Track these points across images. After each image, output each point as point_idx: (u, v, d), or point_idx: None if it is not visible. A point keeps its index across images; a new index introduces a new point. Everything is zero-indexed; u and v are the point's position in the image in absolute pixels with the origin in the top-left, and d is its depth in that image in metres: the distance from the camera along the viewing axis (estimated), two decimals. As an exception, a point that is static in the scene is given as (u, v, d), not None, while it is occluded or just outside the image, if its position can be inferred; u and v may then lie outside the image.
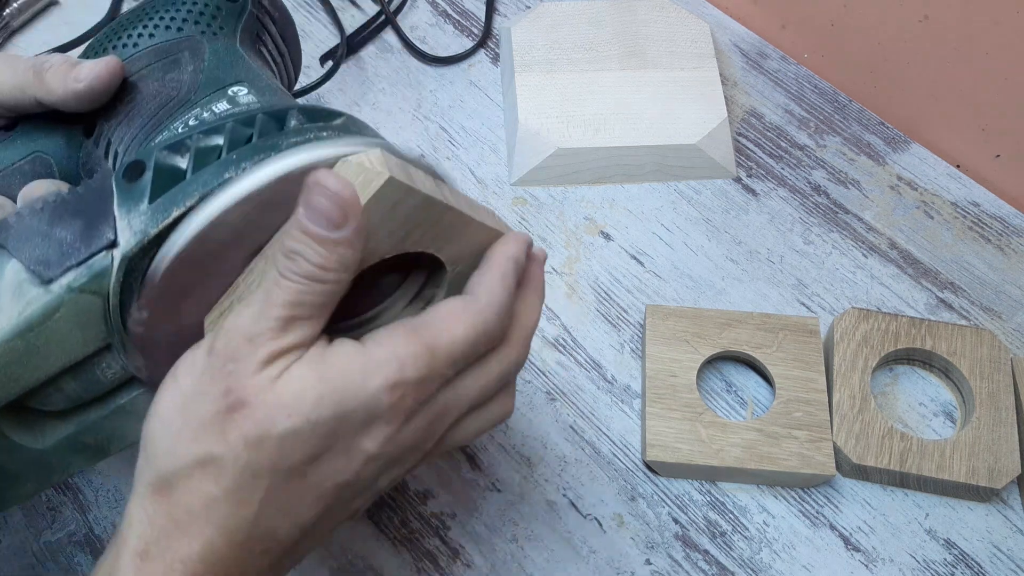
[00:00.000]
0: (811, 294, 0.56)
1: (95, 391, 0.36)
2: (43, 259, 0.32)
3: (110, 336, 0.33)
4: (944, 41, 0.59)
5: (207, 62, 0.41)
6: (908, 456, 0.48)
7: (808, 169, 0.62)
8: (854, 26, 0.64)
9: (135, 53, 0.41)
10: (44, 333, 0.32)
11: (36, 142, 0.42)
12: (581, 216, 0.59)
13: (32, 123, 0.42)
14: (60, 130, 0.42)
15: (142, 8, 0.43)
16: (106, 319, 0.33)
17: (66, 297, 0.32)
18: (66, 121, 0.41)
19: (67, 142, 0.42)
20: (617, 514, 0.49)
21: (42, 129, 0.42)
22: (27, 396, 0.34)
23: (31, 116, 0.42)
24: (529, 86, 0.62)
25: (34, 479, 0.37)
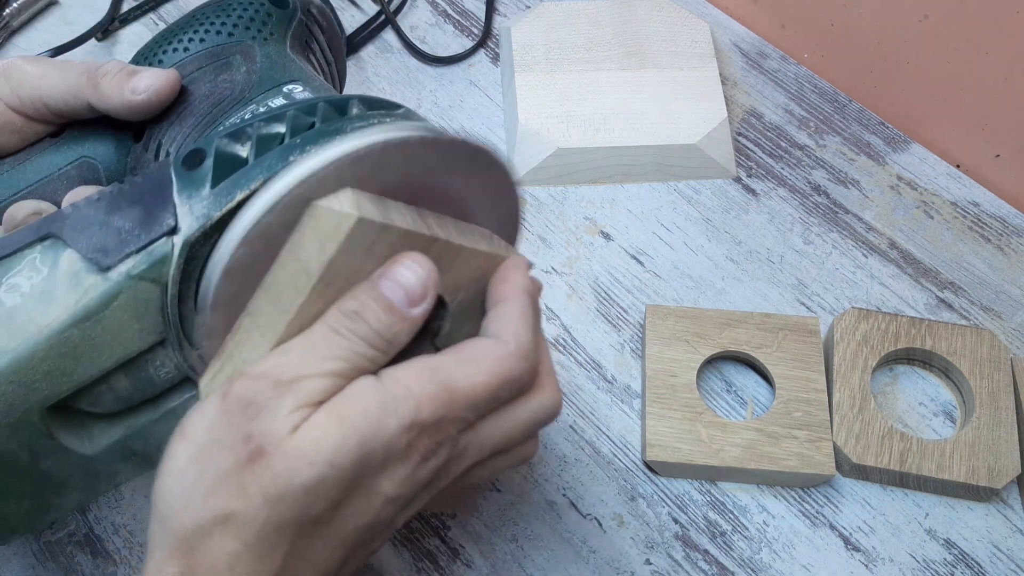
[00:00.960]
0: (811, 294, 0.56)
1: (147, 392, 0.35)
2: (101, 247, 0.31)
3: (166, 330, 0.33)
4: (944, 41, 0.59)
5: (260, 64, 0.41)
6: (908, 456, 0.48)
7: (808, 169, 0.62)
8: (854, 26, 0.64)
9: (186, 58, 0.41)
10: (101, 323, 0.31)
11: (84, 147, 0.41)
12: (581, 216, 0.59)
13: (80, 128, 0.41)
14: (109, 135, 0.41)
15: (192, 15, 0.43)
16: (163, 311, 0.32)
17: (125, 284, 0.31)
18: (115, 126, 0.41)
19: (116, 147, 0.41)
20: (617, 514, 0.49)
21: (91, 134, 0.41)
22: (78, 395, 0.33)
23: (80, 120, 0.41)
24: (529, 86, 0.62)
25: (80, 487, 0.36)
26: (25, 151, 0.41)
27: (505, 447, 0.33)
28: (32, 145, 0.42)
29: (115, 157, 0.41)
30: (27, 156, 0.41)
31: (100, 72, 0.39)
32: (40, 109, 0.40)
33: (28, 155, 0.41)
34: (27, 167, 0.41)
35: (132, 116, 0.40)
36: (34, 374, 0.31)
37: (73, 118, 0.41)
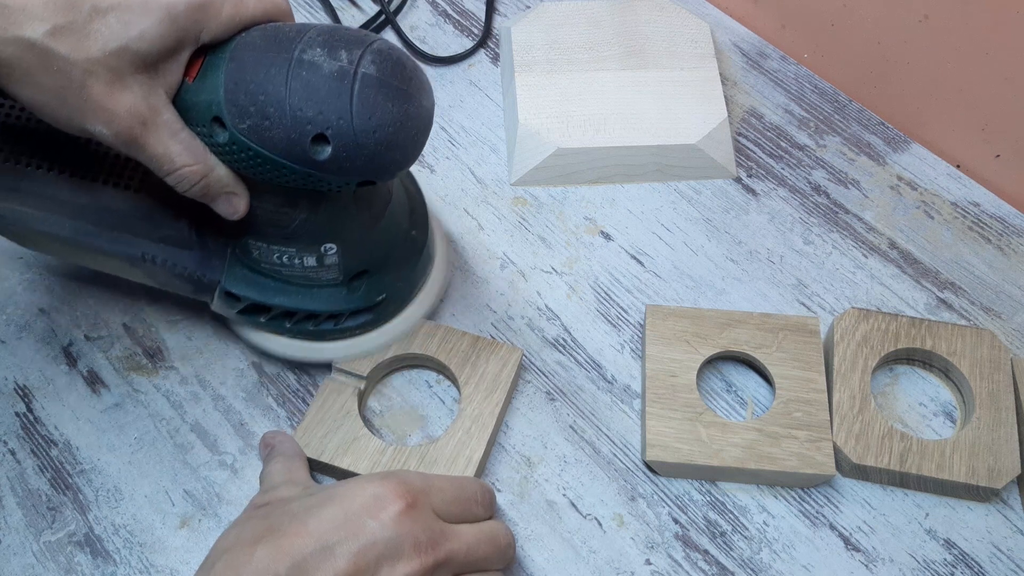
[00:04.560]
0: (811, 294, 0.56)
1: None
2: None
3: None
4: (944, 41, 0.59)
5: (318, 216, 0.44)
6: (908, 456, 0.48)
7: (808, 169, 0.62)
8: (854, 26, 0.64)
9: (266, 178, 0.41)
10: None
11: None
12: (581, 216, 0.59)
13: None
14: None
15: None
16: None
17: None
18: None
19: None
20: (617, 514, 0.49)
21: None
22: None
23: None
24: (529, 86, 0.62)
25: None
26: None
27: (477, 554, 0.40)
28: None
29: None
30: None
31: (183, 165, 0.40)
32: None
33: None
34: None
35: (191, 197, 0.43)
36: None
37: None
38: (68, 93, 0.37)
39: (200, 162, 0.40)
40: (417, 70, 0.41)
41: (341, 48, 0.38)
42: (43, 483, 0.49)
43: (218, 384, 0.52)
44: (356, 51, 0.38)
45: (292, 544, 0.36)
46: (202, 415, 0.51)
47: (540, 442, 0.51)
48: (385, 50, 0.39)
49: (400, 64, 0.40)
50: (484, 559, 0.40)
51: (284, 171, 0.40)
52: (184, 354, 0.53)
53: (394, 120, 0.39)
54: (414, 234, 0.51)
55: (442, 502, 0.40)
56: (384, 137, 0.39)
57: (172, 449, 0.50)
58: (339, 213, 0.45)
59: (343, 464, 0.47)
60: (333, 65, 0.38)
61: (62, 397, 0.51)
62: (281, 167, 0.39)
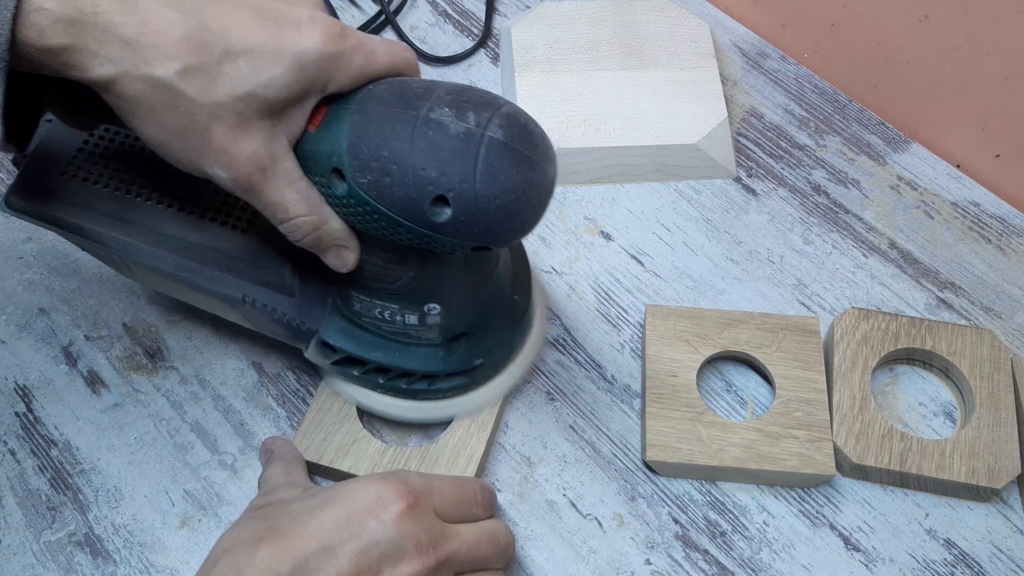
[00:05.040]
0: (811, 294, 0.56)
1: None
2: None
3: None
4: (944, 41, 0.59)
5: (425, 275, 0.43)
6: (908, 456, 0.48)
7: (808, 169, 0.62)
8: (854, 26, 0.64)
9: (378, 235, 0.40)
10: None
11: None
12: (581, 216, 0.59)
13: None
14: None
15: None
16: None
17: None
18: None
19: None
20: (617, 514, 0.49)
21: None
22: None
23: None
24: (529, 86, 0.62)
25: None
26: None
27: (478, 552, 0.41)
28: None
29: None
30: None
31: (300, 217, 0.40)
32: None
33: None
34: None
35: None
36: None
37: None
38: (191, 134, 0.36)
39: (315, 213, 0.39)
40: (544, 138, 0.39)
41: (469, 110, 0.37)
42: (43, 483, 0.49)
43: (218, 384, 0.52)
44: (485, 114, 0.37)
45: (294, 544, 0.36)
46: (202, 415, 0.51)
47: (540, 442, 0.51)
48: (514, 114, 0.38)
49: (528, 131, 0.38)
50: (485, 558, 0.41)
51: (400, 230, 0.38)
52: (184, 354, 0.53)
53: (517, 187, 0.37)
54: (516, 299, 0.49)
55: (443, 502, 0.41)
56: (506, 204, 0.37)
57: (172, 449, 0.50)
58: (447, 274, 0.44)
59: (343, 467, 0.47)
60: (460, 127, 0.37)
61: (62, 397, 0.51)
62: (398, 225, 0.38)
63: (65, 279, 0.55)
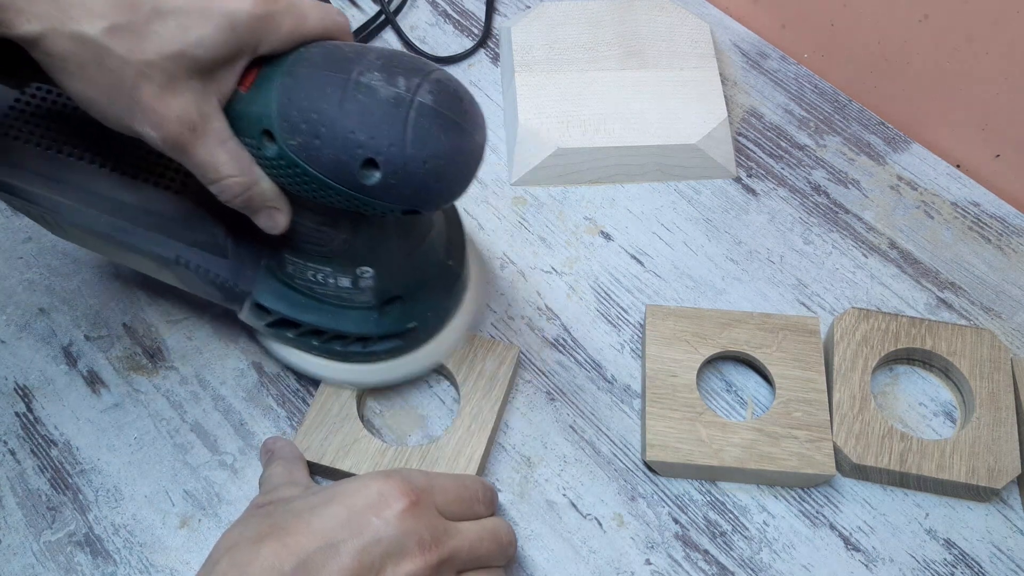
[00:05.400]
0: (811, 294, 0.56)
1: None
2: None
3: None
4: (944, 41, 0.59)
5: (358, 238, 0.43)
6: (908, 456, 0.48)
7: (808, 169, 0.62)
8: (854, 26, 0.64)
9: (309, 196, 0.40)
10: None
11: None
12: (581, 216, 0.59)
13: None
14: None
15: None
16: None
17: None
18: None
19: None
20: (617, 514, 0.49)
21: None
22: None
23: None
24: (529, 86, 0.62)
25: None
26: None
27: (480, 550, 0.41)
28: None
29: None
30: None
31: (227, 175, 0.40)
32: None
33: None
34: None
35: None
36: None
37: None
38: (119, 93, 0.36)
39: (246, 174, 0.40)
40: (474, 104, 0.40)
41: (400, 75, 0.38)
42: (43, 483, 0.49)
43: (218, 384, 0.52)
44: (415, 79, 0.38)
45: (297, 542, 0.36)
46: (202, 415, 0.51)
47: (540, 442, 0.51)
48: (444, 80, 0.39)
49: (457, 97, 0.39)
50: (486, 556, 0.41)
51: (330, 192, 0.39)
52: (184, 354, 0.53)
53: (446, 152, 0.38)
54: (450, 264, 0.50)
55: (445, 500, 0.41)
56: (434, 168, 0.38)
57: (172, 449, 0.50)
58: (379, 238, 0.44)
59: (344, 466, 0.47)
60: (390, 91, 0.37)
61: (62, 397, 0.51)
62: (327, 188, 0.39)
63: (65, 279, 0.55)
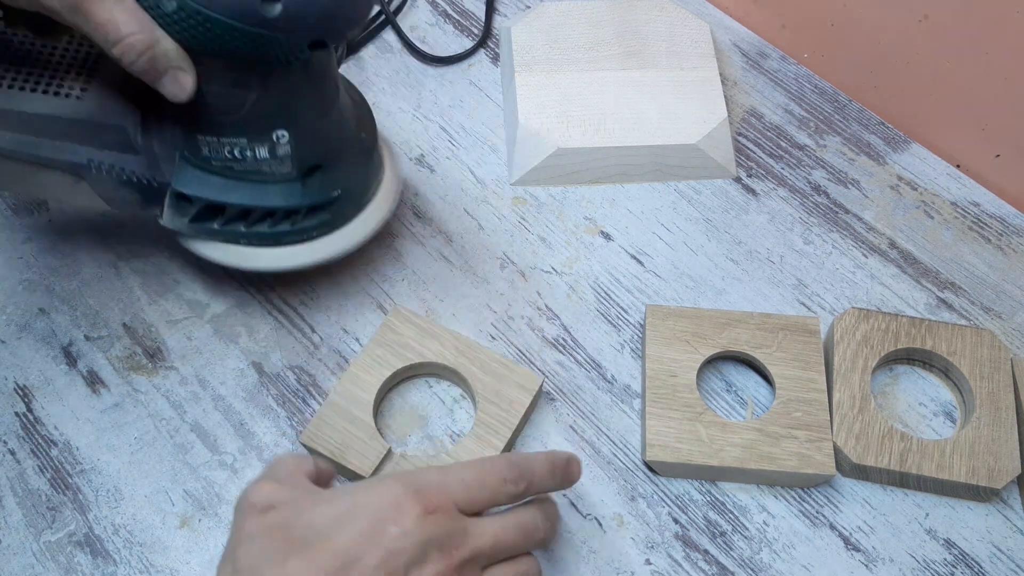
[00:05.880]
0: (811, 294, 0.56)
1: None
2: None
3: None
4: (944, 41, 0.59)
5: (268, 97, 0.44)
6: (908, 456, 0.48)
7: (808, 169, 0.62)
8: (854, 26, 0.64)
9: (215, 49, 0.41)
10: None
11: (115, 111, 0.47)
12: (581, 216, 0.59)
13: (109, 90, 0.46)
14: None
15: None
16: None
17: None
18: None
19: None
20: (617, 514, 0.49)
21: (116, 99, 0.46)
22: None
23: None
24: (529, 86, 0.62)
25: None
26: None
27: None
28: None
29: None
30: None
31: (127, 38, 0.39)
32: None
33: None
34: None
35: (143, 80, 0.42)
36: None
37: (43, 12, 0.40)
38: None
39: (146, 31, 0.40)
40: None
41: None
42: (43, 483, 0.49)
43: (218, 384, 0.52)
44: None
45: (323, 559, 0.36)
46: (202, 415, 0.51)
47: (540, 442, 0.51)
48: None
49: None
50: (512, 547, 0.40)
51: (235, 34, 0.39)
52: (184, 354, 0.53)
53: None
54: (363, 136, 0.51)
55: (464, 491, 0.39)
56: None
57: (172, 449, 0.50)
58: (290, 93, 0.44)
59: (348, 463, 0.47)
60: None
61: (62, 397, 0.51)
62: (231, 30, 0.39)
63: (65, 279, 0.55)
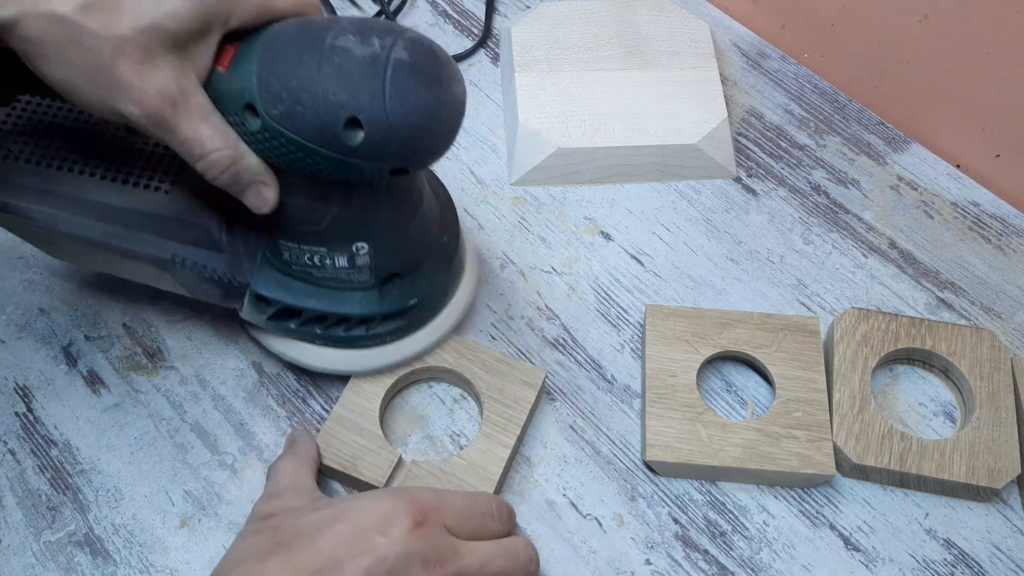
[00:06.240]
0: (811, 294, 0.56)
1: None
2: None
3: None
4: (944, 41, 0.59)
5: (350, 212, 0.43)
6: (908, 456, 0.48)
7: (808, 169, 0.62)
8: (854, 26, 0.64)
9: (297, 165, 0.40)
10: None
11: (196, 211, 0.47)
12: (581, 216, 0.59)
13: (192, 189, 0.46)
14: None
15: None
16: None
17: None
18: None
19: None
20: (617, 514, 0.49)
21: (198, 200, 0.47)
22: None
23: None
24: (529, 86, 0.62)
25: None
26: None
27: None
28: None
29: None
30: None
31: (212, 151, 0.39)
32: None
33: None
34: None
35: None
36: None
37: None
38: (99, 72, 0.36)
39: (231, 147, 0.40)
40: (449, 59, 0.40)
41: (373, 35, 0.38)
42: (43, 483, 0.49)
43: (218, 384, 0.52)
44: (389, 38, 0.38)
45: (302, 560, 0.36)
46: (202, 415, 0.51)
47: (540, 442, 0.51)
48: (417, 38, 0.39)
49: (432, 52, 0.39)
50: (500, 574, 0.40)
51: (317, 158, 0.39)
52: (184, 354, 0.53)
53: (427, 105, 0.38)
54: (445, 240, 0.50)
55: (455, 518, 0.40)
56: (417, 121, 0.38)
57: (172, 449, 0.50)
58: (371, 209, 0.44)
59: (360, 474, 0.47)
60: (366, 50, 0.38)
61: (62, 397, 0.51)
62: (314, 154, 0.39)
63: (65, 279, 0.55)
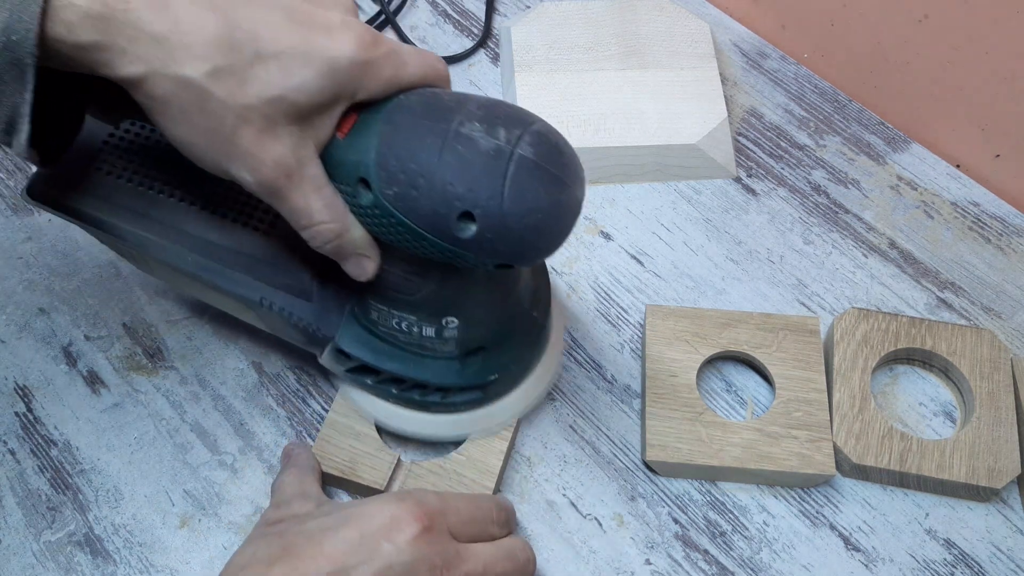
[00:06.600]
0: (811, 294, 0.56)
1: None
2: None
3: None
4: (944, 41, 0.59)
5: (446, 289, 0.43)
6: (908, 456, 0.48)
7: (808, 169, 0.62)
8: (854, 26, 0.64)
9: (399, 242, 0.40)
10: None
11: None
12: (581, 216, 0.59)
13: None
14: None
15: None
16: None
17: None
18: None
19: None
20: (617, 514, 0.49)
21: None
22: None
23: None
24: (529, 86, 0.62)
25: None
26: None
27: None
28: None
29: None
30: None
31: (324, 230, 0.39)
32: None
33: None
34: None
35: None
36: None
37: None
38: (218, 136, 0.36)
39: (338, 221, 0.39)
40: (574, 158, 0.39)
41: (500, 125, 0.37)
42: (43, 483, 0.49)
43: (218, 384, 0.52)
44: (515, 131, 0.37)
45: (308, 566, 0.36)
46: (202, 415, 0.51)
47: (540, 442, 0.51)
48: (544, 133, 0.37)
49: (558, 150, 0.38)
50: (502, 574, 0.41)
51: (424, 243, 0.38)
52: (184, 354, 0.53)
53: (544, 207, 0.37)
54: (535, 315, 0.48)
55: (459, 522, 0.40)
56: (532, 223, 0.37)
57: (172, 449, 0.50)
58: (467, 289, 0.43)
59: (360, 479, 0.47)
60: (490, 143, 0.36)
61: (62, 397, 0.51)
62: (422, 239, 0.38)
63: (65, 279, 0.55)
